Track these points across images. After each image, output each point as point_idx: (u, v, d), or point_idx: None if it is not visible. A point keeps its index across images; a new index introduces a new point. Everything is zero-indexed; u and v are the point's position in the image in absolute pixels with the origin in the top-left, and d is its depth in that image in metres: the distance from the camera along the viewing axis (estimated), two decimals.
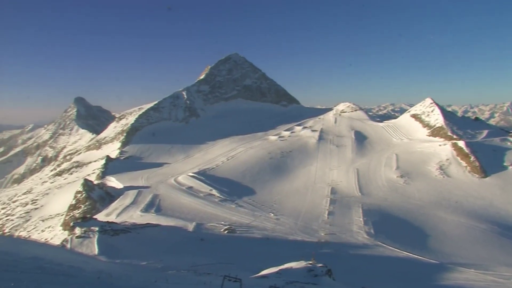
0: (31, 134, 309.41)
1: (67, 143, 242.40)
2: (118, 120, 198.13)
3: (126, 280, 27.32)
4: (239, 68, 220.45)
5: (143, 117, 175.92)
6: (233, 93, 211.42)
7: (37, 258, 28.10)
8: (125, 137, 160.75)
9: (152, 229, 64.68)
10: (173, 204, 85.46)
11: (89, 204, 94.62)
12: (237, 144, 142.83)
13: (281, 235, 67.86)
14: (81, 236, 58.77)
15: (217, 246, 59.48)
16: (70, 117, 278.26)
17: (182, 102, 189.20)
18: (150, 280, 28.74)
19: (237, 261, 49.16)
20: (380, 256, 58.73)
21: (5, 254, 26.03)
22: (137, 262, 46.10)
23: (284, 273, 37.21)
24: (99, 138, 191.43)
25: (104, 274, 27.63)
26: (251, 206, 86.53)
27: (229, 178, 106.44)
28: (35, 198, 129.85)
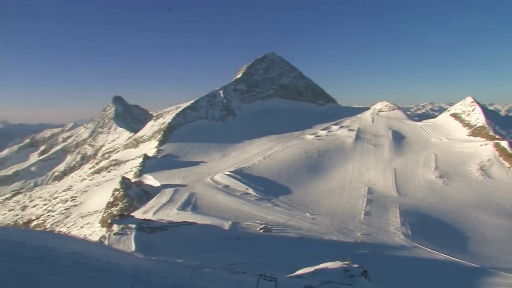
0: (71, 133, 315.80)
1: (105, 141, 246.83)
2: (155, 119, 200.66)
3: (162, 277, 27.72)
4: (275, 67, 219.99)
5: (180, 116, 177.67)
6: (269, 92, 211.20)
7: (76, 253, 28.85)
8: (162, 135, 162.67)
9: (188, 227, 65.23)
10: (210, 202, 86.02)
11: (127, 201, 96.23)
12: (273, 143, 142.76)
13: (317, 234, 67.52)
14: (118, 233, 59.81)
15: (253, 245, 59.59)
16: (109, 116, 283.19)
17: (219, 101, 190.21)
18: (186, 277, 29.02)
19: (272, 260, 49.12)
20: (418, 258, 57.72)
21: (47, 249, 26.83)
22: (173, 259, 46.56)
23: (319, 273, 37.02)
24: (137, 136, 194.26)
25: (140, 270, 28.12)
26: (287, 206, 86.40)
27: (265, 177, 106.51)
28: (75, 195, 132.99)
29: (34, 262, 20.95)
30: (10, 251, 22.80)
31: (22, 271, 18.88)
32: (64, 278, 17.71)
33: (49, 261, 22.58)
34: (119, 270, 26.64)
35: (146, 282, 23.55)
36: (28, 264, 20.14)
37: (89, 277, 21.56)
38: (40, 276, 18.59)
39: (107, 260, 29.91)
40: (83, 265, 23.99)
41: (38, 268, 19.90)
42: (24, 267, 19.40)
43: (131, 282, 22.39)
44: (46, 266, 20.61)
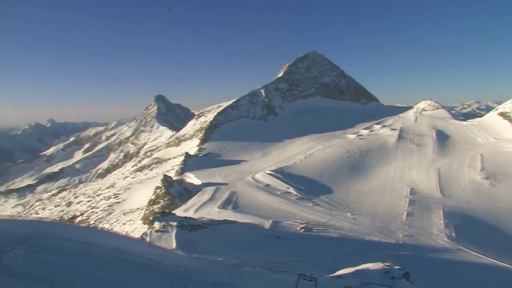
0: (114, 131, 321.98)
1: (147, 139, 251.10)
2: (197, 118, 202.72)
3: (202, 275, 28.09)
4: (317, 66, 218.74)
5: (222, 115, 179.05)
6: (311, 91, 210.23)
7: (119, 249, 29.59)
8: (204, 134, 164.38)
9: (229, 226, 65.74)
10: (250, 201, 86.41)
11: (168, 199, 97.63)
12: (315, 142, 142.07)
13: (357, 235, 66.89)
14: (160, 230, 60.83)
15: (293, 244, 59.55)
16: (151, 115, 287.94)
17: (260, 100, 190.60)
18: (226, 276, 29.31)
19: (312, 260, 49.00)
20: (462, 261, 56.20)
21: (91, 245, 27.64)
22: (213, 257, 47.01)
23: (360, 274, 36.73)
24: (179, 135, 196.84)
25: (181, 268, 28.56)
26: (328, 205, 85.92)
27: (306, 177, 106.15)
28: (117, 192, 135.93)
29: (78, 256, 21.68)
30: (57, 246, 23.65)
31: (67, 265, 19.59)
32: (106, 273, 18.29)
33: (93, 256, 23.33)
34: (160, 267, 27.20)
35: (186, 279, 23.94)
36: (73, 258, 20.85)
37: (131, 273, 22.13)
38: (84, 270, 19.24)
39: (148, 256, 30.55)
40: (125, 261, 24.61)
41: (82, 262, 20.58)
42: (69, 261, 20.10)
43: (171, 279, 22.86)
44: (89, 261, 21.29)
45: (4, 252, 18.28)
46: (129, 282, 20.31)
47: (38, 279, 15.75)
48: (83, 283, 16.57)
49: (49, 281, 15.80)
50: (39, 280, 15.62)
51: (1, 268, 16.01)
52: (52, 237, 26.65)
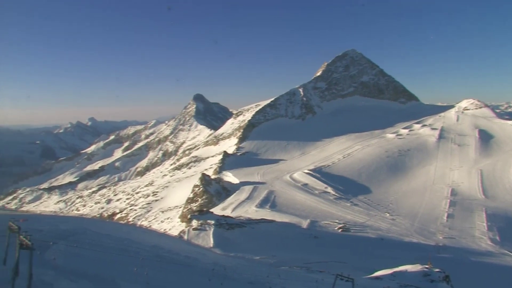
0: (153, 130, 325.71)
1: (186, 138, 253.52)
2: (235, 117, 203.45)
3: (239, 273, 28.30)
4: (356, 65, 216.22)
5: (260, 114, 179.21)
6: (350, 90, 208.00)
7: (157, 247, 30.17)
8: (242, 133, 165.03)
9: (266, 225, 65.81)
10: (288, 200, 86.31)
11: (206, 198, 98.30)
12: (353, 141, 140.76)
13: (396, 236, 66.06)
14: (197, 229, 61.37)
15: (331, 244, 59.27)
16: (190, 114, 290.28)
17: (298, 99, 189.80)
18: (262, 274, 29.41)
19: (350, 260, 48.67)
20: (507, 266, 54.60)
21: (130, 241, 28.26)
22: (250, 256, 47.17)
23: (398, 276, 36.29)
24: (217, 134, 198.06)
25: (218, 266, 28.90)
26: (366, 205, 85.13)
27: (344, 176, 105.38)
28: (156, 190, 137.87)
29: (117, 253, 22.32)
30: (97, 242, 24.33)
31: (107, 260, 20.19)
32: (145, 270, 18.75)
33: (131, 252, 23.95)
34: (197, 265, 27.58)
35: (223, 278, 24.21)
36: (113, 254, 21.46)
37: (168, 270, 22.61)
38: (123, 266, 19.74)
39: (186, 254, 30.99)
40: (163, 258, 25.12)
41: (121, 259, 21.13)
42: (109, 257, 20.72)
43: (208, 276, 23.20)
44: (128, 257, 21.83)
45: (47, 246, 18.92)
46: (167, 279, 20.73)
47: (79, 274, 16.25)
48: (123, 279, 16.99)
49: (90, 276, 16.28)
50: (79, 275, 16.11)
51: (44, 262, 16.58)
52: (93, 233, 27.45)
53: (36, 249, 12.10)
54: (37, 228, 23.87)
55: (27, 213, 48.11)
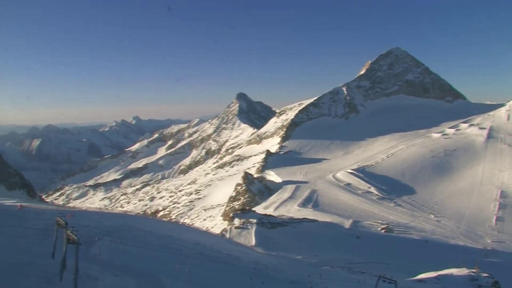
0: (196, 128, 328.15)
1: (229, 137, 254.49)
2: (278, 115, 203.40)
3: (280, 272, 28.75)
4: (400, 63, 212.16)
5: (303, 113, 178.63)
6: (394, 88, 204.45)
7: (199, 244, 30.95)
8: (285, 132, 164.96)
9: (308, 224, 65.97)
10: (330, 200, 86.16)
11: (249, 196, 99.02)
12: (397, 141, 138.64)
13: (441, 238, 65.06)
14: (239, 227, 62.06)
15: (373, 244, 58.96)
16: (233, 112, 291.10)
17: (342, 97, 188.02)
18: (304, 274, 29.79)
19: (392, 261, 48.45)
20: None
21: (173, 239, 29.13)
22: (292, 255, 47.51)
23: (443, 279, 35.95)
24: (260, 132, 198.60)
25: (260, 265, 29.43)
26: (410, 206, 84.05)
27: (388, 176, 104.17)
28: (199, 188, 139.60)
29: (160, 250, 23.14)
30: (141, 238, 25.26)
31: (150, 257, 21.01)
32: (187, 267, 19.42)
33: (174, 250, 24.71)
34: (239, 263, 28.17)
35: (265, 276, 24.74)
36: (156, 251, 22.26)
37: (210, 268, 23.28)
38: (165, 263, 20.52)
39: (228, 252, 31.67)
40: (205, 256, 25.85)
41: (164, 255, 21.93)
42: (152, 254, 21.54)
43: (250, 275, 23.77)
44: (171, 254, 22.61)
45: (93, 242, 19.86)
46: (209, 277, 21.34)
47: (123, 269, 16.99)
48: (165, 275, 17.67)
49: (133, 272, 17.00)
50: (123, 270, 16.85)
51: (90, 257, 17.42)
52: (137, 230, 28.43)
53: (82, 244, 12.47)
54: (83, 224, 24.87)
55: (74, 209, 49.68)
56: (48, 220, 23.69)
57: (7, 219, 22.78)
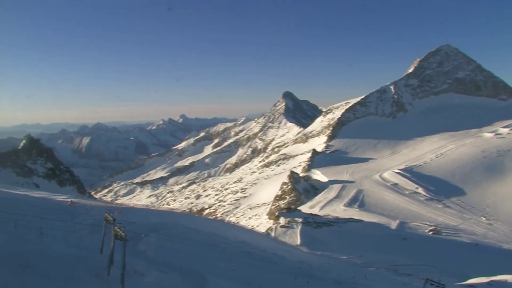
0: (243, 127, 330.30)
1: (275, 136, 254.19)
2: (324, 114, 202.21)
3: (325, 272, 28.60)
4: (451, 60, 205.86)
5: (350, 112, 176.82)
6: (443, 86, 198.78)
7: (244, 243, 31.09)
8: (332, 131, 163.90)
9: (354, 224, 65.33)
10: (377, 200, 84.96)
11: (294, 195, 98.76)
12: (447, 141, 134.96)
13: (493, 242, 62.96)
14: (285, 226, 62.10)
15: (420, 247, 57.74)
16: (279, 111, 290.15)
17: (389, 96, 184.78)
18: (349, 274, 29.52)
19: (441, 264, 47.28)
20: None
21: (218, 237, 29.39)
22: (337, 255, 47.17)
23: (496, 285, 34.78)
24: (306, 131, 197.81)
25: (305, 264, 29.35)
26: (460, 208, 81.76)
27: (436, 177, 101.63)
28: (245, 187, 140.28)
29: (206, 247, 23.39)
30: (187, 236, 25.56)
31: (195, 254, 21.27)
32: (232, 265, 19.54)
33: (219, 248, 24.95)
34: (283, 262, 28.16)
35: (309, 276, 24.65)
36: (201, 249, 22.51)
37: (255, 266, 23.34)
38: (211, 260, 20.73)
39: (272, 251, 31.70)
40: (250, 254, 25.93)
41: (209, 253, 22.17)
42: (197, 251, 21.79)
43: (294, 274, 23.74)
44: (216, 252, 22.83)
45: (140, 238, 20.32)
46: (254, 275, 21.42)
47: (169, 265, 17.30)
48: (210, 273, 17.84)
49: (178, 268, 17.26)
50: (169, 266, 17.16)
51: (137, 253, 17.84)
52: (182, 227, 28.81)
53: (129, 240, 12.97)
54: (131, 221, 25.51)
55: (121, 206, 50.90)
56: (97, 216, 24.54)
57: (59, 214, 23.62)
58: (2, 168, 78.21)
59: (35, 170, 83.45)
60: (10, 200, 27.64)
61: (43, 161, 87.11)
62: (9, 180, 68.62)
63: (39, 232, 17.40)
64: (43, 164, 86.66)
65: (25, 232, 17.15)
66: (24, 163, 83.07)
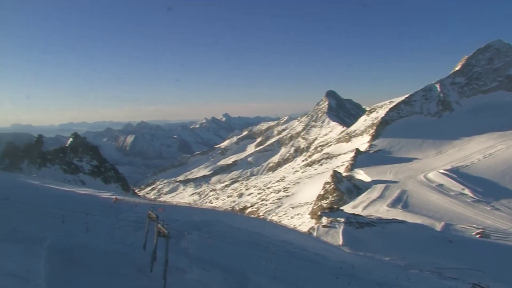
0: (285, 126, 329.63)
1: (318, 135, 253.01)
2: (368, 113, 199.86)
3: (367, 273, 28.03)
4: (502, 56, 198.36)
5: (394, 111, 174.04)
6: (493, 84, 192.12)
7: (286, 242, 30.85)
8: (375, 130, 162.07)
9: (397, 225, 64.14)
10: (421, 201, 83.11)
11: (337, 195, 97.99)
12: (496, 141, 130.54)
13: None
14: (327, 226, 61.58)
15: (467, 250, 55.87)
16: (322, 110, 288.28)
17: (435, 95, 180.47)
18: (391, 276, 28.90)
19: (488, 269, 45.59)
20: None
21: (260, 236, 29.20)
22: (379, 256, 46.41)
23: None
24: (349, 131, 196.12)
25: (346, 264, 28.86)
26: (510, 210, 78.73)
27: (485, 178, 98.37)
28: (287, 186, 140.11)
29: (248, 246, 23.27)
30: (229, 234, 25.57)
31: (237, 252, 21.16)
32: (273, 264, 19.28)
33: (261, 246, 24.78)
34: (325, 262, 27.76)
35: (351, 277, 24.17)
36: (243, 247, 22.41)
37: (296, 266, 23.09)
38: (253, 259, 20.54)
39: (314, 251, 31.33)
40: (292, 253, 25.66)
41: (251, 252, 22.00)
42: (239, 249, 21.70)
43: (336, 274, 23.31)
44: (257, 251, 22.64)
45: (182, 236, 20.35)
46: (295, 274, 21.17)
47: (210, 263, 17.21)
48: (252, 271, 17.62)
49: (220, 266, 17.15)
50: (211, 264, 17.06)
51: (179, 250, 17.89)
52: (225, 226, 28.82)
53: (172, 238, 13.04)
54: (173, 218, 25.78)
55: (164, 204, 51.79)
56: (140, 213, 25.03)
57: (104, 211, 24.34)
58: (50, 165, 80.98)
59: (81, 168, 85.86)
60: (58, 196, 28.50)
61: (88, 159, 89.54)
62: (57, 177, 70.89)
63: (85, 228, 18.09)
64: (89, 161, 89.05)
65: (72, 227, 17.70)
66: (71, 161, 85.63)
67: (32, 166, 76.85)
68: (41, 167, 78.39)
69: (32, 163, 77.62)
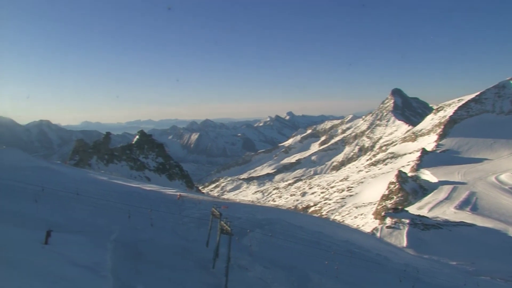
0: (350, 125, 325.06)
1: (383, 134, 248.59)
2: (435, 112, 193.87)
3: (432, 277, 27.22)
4: None
5: (463, 109, 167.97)
6: None
7: (348, 242, 30.57)
8: (443, 129, 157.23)
9: (465, 228, 61.88)
10: (492, 203, 79.71)
11: (402, 195, 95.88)
12: None
13: None
14: (391, 227, 60.39)
15: None
16: (387, 109, 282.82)
17: (509, 92, 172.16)
18: (458, 282, 28.01)
19: None
20: None
21: (322, 235, 29.07)
22: (446, 260, 45.00)
23: None
24: (415, 130, 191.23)
25: (410, 267, 28.18)
26: None
27: None
28: (351, 185, 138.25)
29: (310, 245, 23.25)
30: (291, 233, 25.61)
31: (299, 251, 21.15)
32: (335, 264, 19.19)
33: (323, 246, 24.71)
34: (388, 264, 27.26)
35: (415, 280, 23.57)
36: (305, 246, 22.40)
37: (358, 266, 22.87)
38: (314, 258, 20.46)
39: (377, 252, 30.82)
40: (354, 254, 25.40)
41: (313, 251, 21.96)
42: (301, 248, 21.73)
43: (399, 277, 22.83)
44: (320, 250, 22.59)
45: (245, 234, 20.63)
46: (356, 275, 20.97)
47: (272, 261, 17.30)
48: (313, 270, 17.60)
49: (282, 265, 17.23)
50: (273, 262, 17.16)
51: (241, 247, 18.11)
52: (287, 224, 28.89)
53: (234, 235, 13.28)
54: (236, 216, 26.20)
55: (228, 201, 52.54)
56: (203, 210, 25.69)
57: (169, 207, 25.13)
58: (117, 162, 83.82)
59: (147, 164, 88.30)
60: (124, 192, 29.56)
61: (154, 156, 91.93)
62: (124, 173, 73.34)
63: (150, 223, 18.86)
64: (154, 158, 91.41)
65: (137, 222, 18.38)
66: (137, 157, 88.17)
67: (100, 162, 79.91)
68: (109, 163, 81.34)
69: (100, 159, 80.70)
